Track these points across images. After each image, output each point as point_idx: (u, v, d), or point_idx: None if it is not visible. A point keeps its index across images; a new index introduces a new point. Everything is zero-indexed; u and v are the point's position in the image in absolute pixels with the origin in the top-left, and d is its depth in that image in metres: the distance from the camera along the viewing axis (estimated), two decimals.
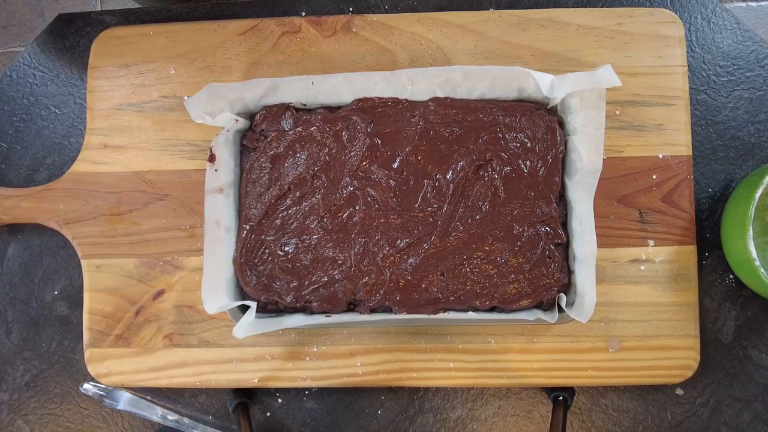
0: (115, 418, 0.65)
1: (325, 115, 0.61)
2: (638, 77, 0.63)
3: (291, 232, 0.60)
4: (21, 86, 0.68)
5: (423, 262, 0.58)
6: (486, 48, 0.63)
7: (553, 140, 0.59)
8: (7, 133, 0.67)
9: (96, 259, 0.63)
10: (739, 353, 0.62)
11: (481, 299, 0.58)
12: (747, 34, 0.66)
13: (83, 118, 0.66)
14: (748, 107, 0.65)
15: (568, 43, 0.63)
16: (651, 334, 0.60)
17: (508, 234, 0.58)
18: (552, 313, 0.58)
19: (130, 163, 0.64)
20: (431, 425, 0.63)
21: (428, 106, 0.61)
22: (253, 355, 0.62)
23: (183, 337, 0.62)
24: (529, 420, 0.63)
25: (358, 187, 0.59)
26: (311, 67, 0.64)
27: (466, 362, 0.61)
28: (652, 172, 0.62)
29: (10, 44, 1.41)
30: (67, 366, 0.65)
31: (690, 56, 0.65)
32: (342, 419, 0.64)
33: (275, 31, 0.64)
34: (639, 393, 0.63)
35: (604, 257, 0.61)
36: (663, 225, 0.61)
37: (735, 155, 0.64)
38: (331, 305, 0.59)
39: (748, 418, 0.62)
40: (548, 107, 0.61)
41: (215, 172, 0.60)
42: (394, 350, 0.61)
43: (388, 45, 0.64)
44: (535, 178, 0.59)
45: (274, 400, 0.64)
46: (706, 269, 0.63)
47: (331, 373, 0.61)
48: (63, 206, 0.64)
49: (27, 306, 0.66)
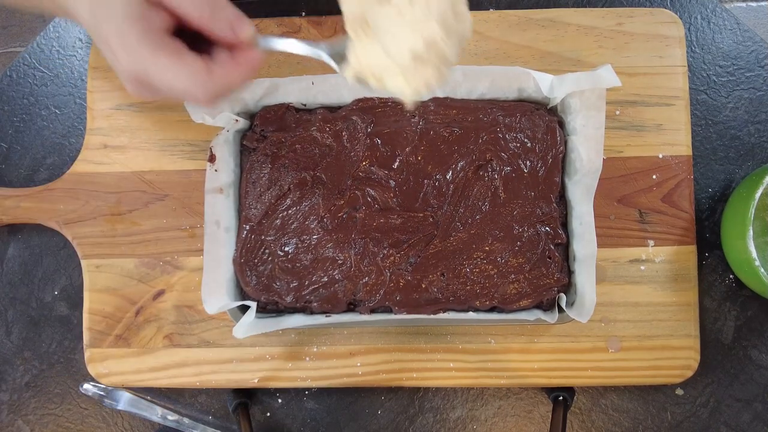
0: (115, 418, 0.65)
1: (325, 115, 0.61)
2: (638, 77, 0.63)
3: (291, 232, 0.60)
4: (21, 86, 0.68)
5: (423, 262, 0.58)
6: (486, 48, 0.63)
7: (553, 140, 0.59)
8: (7, 133, 0.67)
9: (96, 259, 0.63)
10: (739, 353, 0.62)
11: (481, 299, 0.58)
12: (747, 34, 0.66)
13: (83, 118, 0.66)
14: (748, 107, 0.65)
15: (568, 43, 0.63)
16: (651, 334, 0.60)
17: (508, 234, 0.58)
18: (552, 313, 0.58)
19: (130, 163, 0.64)
20: (431, 425, 0.63)
21: (428, 106, 0.61)
22: (253, 355, 0.62)
23: (183, 337, 0.62)
24: (529, 420, 0.63)
25: (358, 187, 0.59)
26: (311, 66, 0.64)
27: (466, 362, 0.61)
28: (652, 172, 0.62)
29: (10, 44, 1.41)
30: (67, 366, 0.65)
31: (690, 56, 0.65)
32: (342, 419, 0.64)
33: (275, 31, 0.64)
34: (639, 393, 0.63)
35: (604, 257, 0.61)
36: (663, 225, 0.61)
37: (735, 155, 0.64)
38: (331, 305, 0.59)
39: (748, 418, 0.62)
40: (548, 107, 0.61)
41: (215, 173, 0.60)
42: (394, 350, 0.61)
43: None
44: (535, 178, 0.59)
45: (274, 400, 0.64)
46: (706, 269, 0.63)
47: (331, 373, 0.61)
48: (63, 206, 0.64)
49: (27, 306, 0.66)
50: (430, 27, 0.36)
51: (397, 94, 0.39)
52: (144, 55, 0.39)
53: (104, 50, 0.41)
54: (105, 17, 0.39)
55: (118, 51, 0.39)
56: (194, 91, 0.40)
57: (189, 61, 0.40)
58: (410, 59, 0.36)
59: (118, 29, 0.39)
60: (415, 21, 0.35)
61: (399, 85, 0.39)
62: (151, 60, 0.39)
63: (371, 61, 0.39)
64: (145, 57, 0.39)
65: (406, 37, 0.36)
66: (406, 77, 0.37)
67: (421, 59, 0.36)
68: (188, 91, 0.40)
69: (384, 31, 0.36)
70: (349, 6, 0.38)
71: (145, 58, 0.39)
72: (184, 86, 0.40)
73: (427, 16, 0.36)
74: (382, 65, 0.38)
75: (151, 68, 0.39)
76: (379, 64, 0.38)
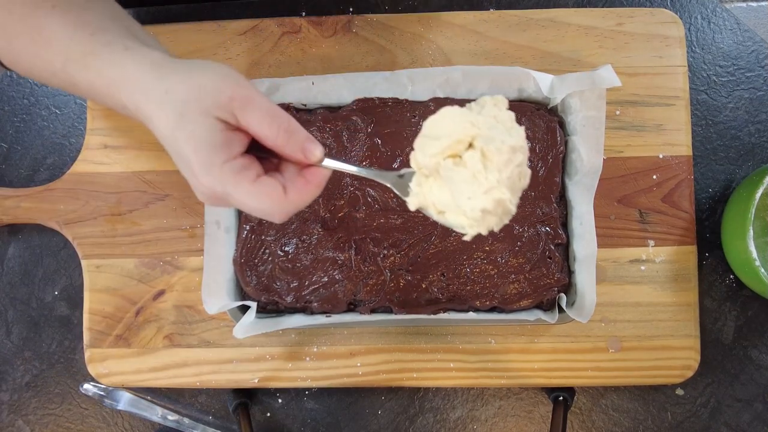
0: (116, 418, 0.65)
1: (325, 115, 0.61)
2: (638, 77, 0.63)
3: (291, 233, 0.60)
4: (21, 86, 0.68)
5: (423, 263, 0.58)
6: (486, 48, 0.63)
7: (553, 140, 0.59)
8: (8, 133, 0.67)
9: (96, 260, 0.63)
10: (740, 353, 0.62)
11: (481, 299, 0.58)
12: (747, 34, 0.66)
13: (83, 118, 0.66)
14: (749, 107, 0.65)
15: (568, 43, 0.63)
16: (651, 335, 0.60)
17: (509, 234, 0.58)
18: (552, 313, 0.58)
19: (130, 163, 0.64)
20: (431, 425, 0.63)
21: (428, 106, 0.61)
22: (254, 356, 0.62)
23: (183, 338, 0.62)
24: (529, 420, 0.63)
25: (358, 187, 0.59)
26: (311, 67, 0.64)
27: (466, 362, 0.61)
28: (653, 172, 0.62)
29: None
30: (67, 366, 0.65)
31: (690, 56, 0.65)
32: (342, 419, 0.64)
33: (275, 32, 0.64)
34: (639, 393, 0.63)
35: (604, 257, 0.61)
36: (663, 225, 0.61)
37: (735, 155, 0.64)
38: (331, 305, 0.59)
39: (749, 418, 0.62)
40: (548, 107, 0.61)
41: None
42: (395, 350, 0.61)
43: (388, 45, 0.64)
44: (536, 178, 0.59)
45: (274, 400, 0.64)
46: (706, 269, 0.63)
47: (332, 374, 0.61)
48: (63, 206, 0.64)
49: (27, 306, 0.66)
50: (501, 192, 0.39)
51: (457, 228, 0.43)
52: (227, 181, 0.41)
53: (181, 165, 0.43)
54: (187, 139, 0.40)
55: (200, 173, 0.41)
56: (272, 213, 0.43)
57: (268, 188, 0.42)
58: (479, 214, 0.40)
59: (201, 154, 0.41)
60: (488, 186, 0.39)
61: (461, 224, 0.42)
62: (232, 185, 0.41)
63: (436, 198, 0.42)
64: (227, 182, 0.41)
65: (478, 198, 0.39)
66: (470, 223, 0.40)
67: (488, 213, 0.40)
68: (266, 213, 0.43)
69: (456, 187, 0.40)
70: (423, 159, 0.41)
71: (228, 183, 0.41)
72: (264, 210, 0.42)
73: (499, 182, 0.39)
74: (446, 203, 0.41)
75: (232, 193, 0.41)
76: (443, 202, 0.42)
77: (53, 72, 0.46)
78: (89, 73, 0.44)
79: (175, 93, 0.41)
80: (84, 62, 0.44)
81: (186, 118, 0.40)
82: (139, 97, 0.42)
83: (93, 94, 0.47)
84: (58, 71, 0.46)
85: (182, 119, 0.40)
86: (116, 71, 0.43)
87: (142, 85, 0.42)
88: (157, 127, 0.42)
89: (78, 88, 0.46)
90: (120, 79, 0.43)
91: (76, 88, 0.47)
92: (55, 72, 0.46)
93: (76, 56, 0.44)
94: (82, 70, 0.44)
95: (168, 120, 0.41)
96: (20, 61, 0.48)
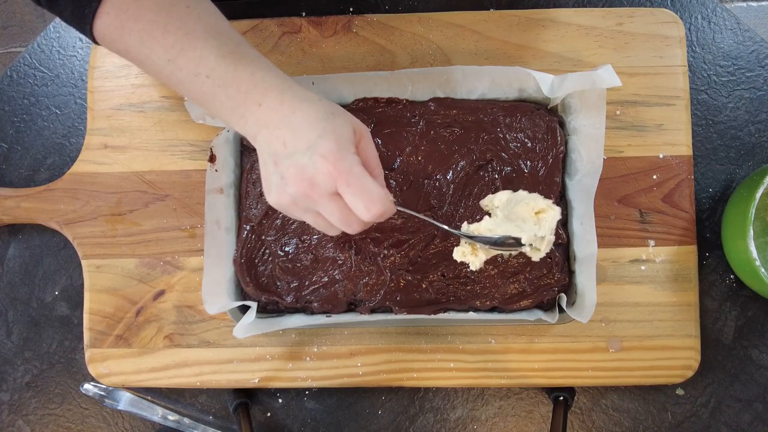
0: (116, 418, 0.65)
1: None
2: (638, 77, 0.63)
3: (291, 233, 0.60)
4: (21, 86, 0.68)
5: (423, 263, 0.58)
6: (486, 48, 0.63)
7: (553, 140, 0.59)
8: (8, 133, 0.67)
9: (96, 260, 0.63)
10: (740, 353, 0.62)
11: (481, 299, 0.58)
12: (747, 34, 0.66)
13: (84, 118, 0.66)
14: (749, 107, 0.65)
15: (568, 43, 0.63)
16: (651, 334, 0.60)
17: None
18: (552, 313, 0.58)
19: (130, 163, 0.64)
20: (432, 425, 0.63)
21: (428, 107, 0.61)
22: (254, 356, 0.62)
23: (183, 338, 0.62)
24: (529, 420, 0.63)
25: None
26: (311, 67, 0.64)
27: (466, 362, 0.61)
28: (653, 172, 0.62)
29: (11, 44, 1.41)
30: (67, 366, 0.65)
31: (690, 56, 0.65)
32: (342, 419, 0.64)
33: (275, 32, 0.64)
34: (639, 393, 0.63)
35: (604, 257, 0.61)
36: (663, 225, 0.61)
37: (735, 155, 0.64)
38: (331, 305, 0.59)
39: (749, 418, 0.62)
40: (548, 107, 0.61)
41: (215, 173, 0.60)
42: (395, 350, 0.61)
43: (388, 45, 0.64)
44: (536, 178, 0.59)
45: (274, 400, 0.64)
46: (706, 269, 0.63)
47: (332, 374, 0.61)
48: (63, 206, 0.64)
49: (27, 306, 0.66)
50: (549, 239, 0.55)
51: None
52: (358, 173, 0.44)
53: (283, 166, 0.45)
54: (330, 137, 0.44)
55: (343, 147, 0.44)
56: (383, 213, 0.45)
57: (385, 190, 0.45)
58: (527, 246, 0.54)
59: (346, 139, 0.45)
60: (541, 232, 0.54)
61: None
62: (361, 174, 0.44)
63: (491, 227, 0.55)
64: (359, 174, 0.44)
65: (531, 238, 0.54)
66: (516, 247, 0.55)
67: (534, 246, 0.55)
68: (372, 212, 0.44)
69: (519, 224, 0.55)
70: (499, 202, 0.56)
71: (360, 176, 0.44)
72: (381, 206, 0.44)
73: (546, 231, 0.54)
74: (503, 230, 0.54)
75: (359, 175, 0.44)
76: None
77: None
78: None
79: (324, 101, 0.47)
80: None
81: (336, 114, 0.46)
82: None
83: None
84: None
85: (333, 114, 0.45)
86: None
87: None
88: (302, 114, 0.45)
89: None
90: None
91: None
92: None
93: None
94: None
95: (318, 112, 0.45)
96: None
